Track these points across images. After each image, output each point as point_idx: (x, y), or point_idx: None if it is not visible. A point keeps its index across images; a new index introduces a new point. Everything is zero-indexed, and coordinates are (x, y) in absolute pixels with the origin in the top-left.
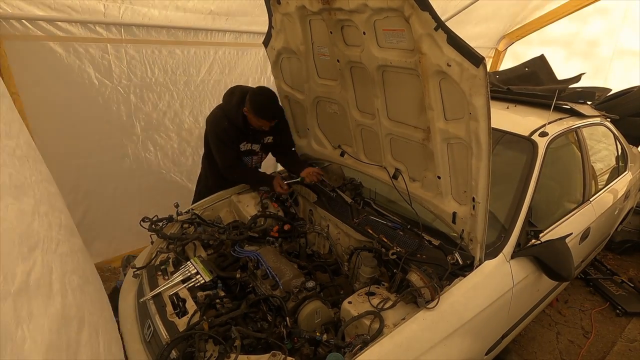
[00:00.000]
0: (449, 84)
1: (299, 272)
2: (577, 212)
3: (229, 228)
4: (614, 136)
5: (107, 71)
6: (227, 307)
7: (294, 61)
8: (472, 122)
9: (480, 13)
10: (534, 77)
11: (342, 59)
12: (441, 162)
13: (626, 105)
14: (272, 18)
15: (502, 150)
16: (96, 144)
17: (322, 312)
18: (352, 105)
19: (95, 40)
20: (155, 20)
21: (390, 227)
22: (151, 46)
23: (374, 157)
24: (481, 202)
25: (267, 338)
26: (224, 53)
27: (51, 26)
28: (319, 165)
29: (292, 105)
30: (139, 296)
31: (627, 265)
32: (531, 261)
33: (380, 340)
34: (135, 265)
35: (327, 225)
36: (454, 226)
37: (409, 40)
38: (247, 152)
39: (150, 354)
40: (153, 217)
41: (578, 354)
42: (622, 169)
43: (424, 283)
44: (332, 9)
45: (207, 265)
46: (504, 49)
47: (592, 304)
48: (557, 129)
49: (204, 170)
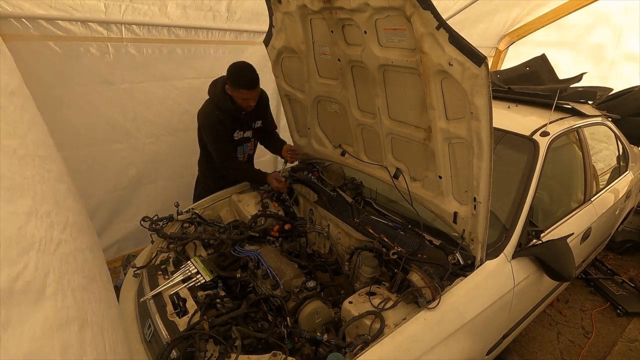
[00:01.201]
0: (451, 84)
1: (299, 272)
2: (578, 212)
3: (229, 227)
4: (615, 136)
5: (108, 70)
6: (227, 306)
7: (294, 60)
8: (474, 122)
9: (480, 12)
10: (535, 77)
11: (343, 58)
12: (442, 161)
13: (627, 104)
14: (273, 17)
15: (503, 150)
16: (96, 143)
17: (322, 312)
18: (353, 104)
19: (96, 40)
20: (156, 19)
21: (391, 227)
22: (152, 45)
23: (375, 156)
24: (482, 202)
25: (267, 338)
26: (224, 52)
27: (52, 25)
28: (320, 165)
29: (293, 105)
30: (139, 296)
31: (628, 265)
32: (532, 261)
33: (381, 341)
34: (135, 265)
35: (327, 224)
36: (455, 226)
37: (411, 39)
38: (241, 141)
39: (150, 354)
40: (153, 217)
41: (579, 354)
42: (623, 168)
43: (425, 283)
44: (333, 8)
45: (207, 265)
46: (505, 49)
47: (593, 304)
48: (558, 129)
49: (201, 172)
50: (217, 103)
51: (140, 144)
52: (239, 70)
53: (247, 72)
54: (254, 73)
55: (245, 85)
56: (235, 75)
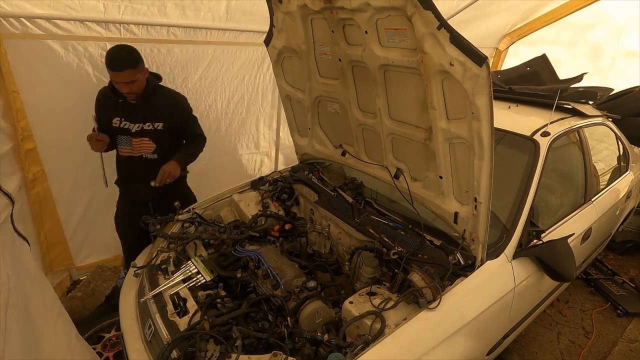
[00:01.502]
0: (452, 84)
1: (300, 272)
2: (578, 213)
3: (229, 227)
4: (615, 136)
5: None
6: (228, 306)
7: (295, 60)
8: (475, 122)
9: (481, 12)
10: (536, 77)
11: (343, 58)
12: (443, 161)
13: (628, 105)
14: (274, 17)
15: (504, 150)
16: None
17: (323, 312)
18: (354, 104)
19: (95, 39)
20: (155, 19)
21: (392, 227)
22: (149, 45)
23: (376, 156)
24: (483, 202)
25: (268, 338)
26: (222, 51)
27: (50, 24)
28: (321, 165)
29: (294, 105)
30: (140, 296)
31: (628, 266)
32: (533, 261)
33: (381, 341)
34: (135, 265)
35: (328, 224)
36: (456, 226)
37: (412, 39)
38: (120, 131)
39: (151, 354)
40: (153, 217)
41: (579, 354)
42: (623, 169)
43: (426, 283)
44: (334, 7)
45: (208, 265)
46: (505, 49)
47: (593, 304)
48: (558, 129)
49: None
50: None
51: None
52: (110, 52)
53: (115, 52)
54: (122, 54)
55: (108, 64)
56: (107, 55)
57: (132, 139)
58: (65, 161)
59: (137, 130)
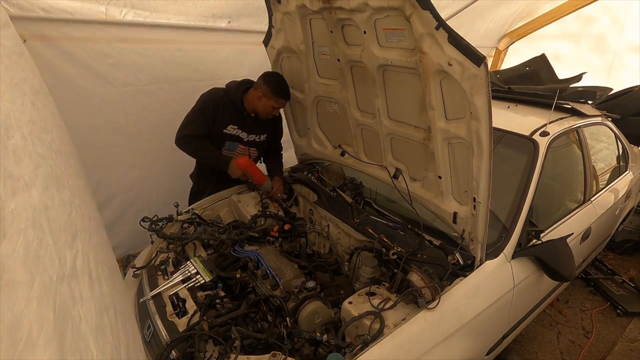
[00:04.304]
0: (450, 84)
1: (299, 272)
2: (578, 212)
3: (229, 228)
4: (615, 136)
5: (110, 72)
6: (227, 307)
7: (294, 60)
8: (473, 122)
9: (480, 12)
10: (535, 77)
11: (342, 58)
12: (442, 162)
13: (627, 104)
14: (272, 17)
15: (503, 150)
16: (98, 145)
17: (322, 312)
18: (353, 104)
19: (98, 41)
20: (158, 20)
21: (391, 227)
22: (153, 47)
23: (375, 156)
24: (482, 202)
25: (267, 338)
26: (228, 53)
27: (52, 27)
28: (320, 165)
29: (293, 105)
30: (139, 296)
31: (628, 265)
32: (532, 261)
33: (380, 341)
34: (135, 265)
35: (327, 225)
36: (455, 226)
37: (410, 39)
38: (233, 137)
39: (150, 354)
40: (153, 217)
41: (579, 354)
42: (623, 168)
43: (425, 283)
44: (333, 8)
45: (207, 265)
46: (505, 48)
47: (593, 304)
48: (558, 129)
49: (196, 168)
50: (229, 91)
51: (143, 145)
52: (281, 81)
53: (283, 81)
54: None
55: (286, 96)
56: (278, 84)
57: (240, 146)
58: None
59: (249, 140)
